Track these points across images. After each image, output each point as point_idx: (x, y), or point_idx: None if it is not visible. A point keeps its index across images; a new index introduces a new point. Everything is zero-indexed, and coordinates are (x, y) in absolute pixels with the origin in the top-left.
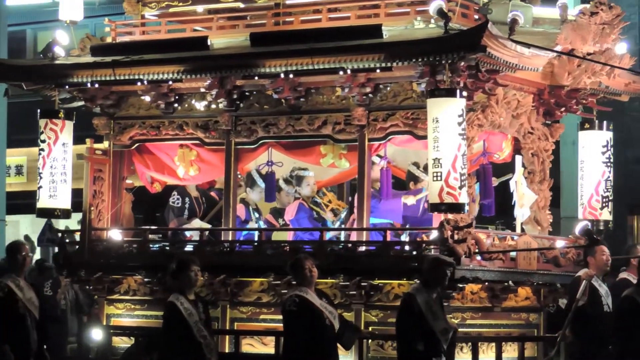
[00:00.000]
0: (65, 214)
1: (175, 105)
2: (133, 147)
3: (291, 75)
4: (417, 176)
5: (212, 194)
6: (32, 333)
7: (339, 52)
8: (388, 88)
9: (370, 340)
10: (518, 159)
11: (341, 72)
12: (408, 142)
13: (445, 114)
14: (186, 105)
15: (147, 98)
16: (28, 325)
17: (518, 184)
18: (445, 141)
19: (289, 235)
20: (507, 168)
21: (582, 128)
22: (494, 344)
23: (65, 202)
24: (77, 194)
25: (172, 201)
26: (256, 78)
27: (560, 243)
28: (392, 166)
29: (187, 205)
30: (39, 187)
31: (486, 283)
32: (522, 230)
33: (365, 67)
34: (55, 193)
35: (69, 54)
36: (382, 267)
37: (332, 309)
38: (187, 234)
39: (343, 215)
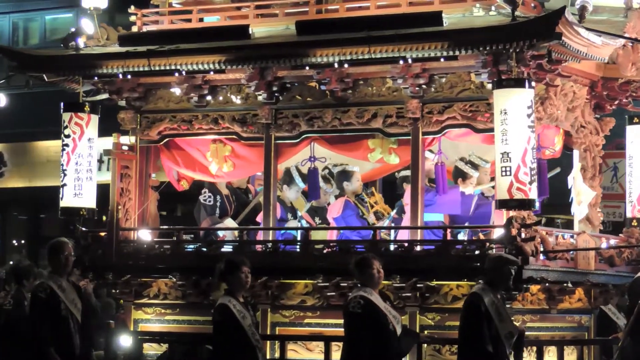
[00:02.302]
0: (91, 214)
1: (208, 98)
2: (161, 143)
3: (346, 65)
4: (466, 172)
5: (238, 191)
6: (75, 337)
7: (399, 40)
8: (444, 79)
9: (426, 345)
10: (575, 153)
11: (401, 62)
12: (464, 135)
13: (514, 105)
14: (220, 98)
15: (178, 91)
16: (71, 328)
17: (576, 180)
18: (514, 134)
19: (330, 235)
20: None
21: (630, 122)
22: (550, 348)
23: (90, 201)
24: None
25: (203, 199)
26: (307, 68)
27: (612, 242)
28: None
29: (218, 204)
30: (63, 185)
31: (546, 284)
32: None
33: (427, 56)
34: (80, 191)
35: (84, 44)
36: (442, 267)
37: (395, 313)
38: (220, 234)
39: (387, 221)
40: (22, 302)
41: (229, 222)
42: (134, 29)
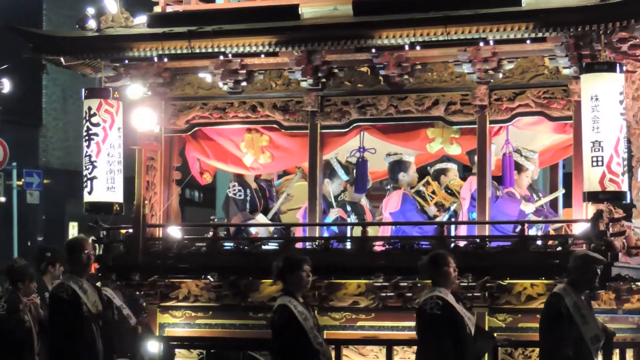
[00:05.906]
0: (122, 209)
1: (244, 84)
2: (189, 132)
3: (418, 47)
4: (522, 164)
5: (262, 184)
6: (98, 342)
7: (480, 21)
8: (513, 64)
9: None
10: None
11: (481, 44)
12: (535, 124)
13: (606, 91)
14: (258, 84)
15: (209, 77)
16: (94, 332)
17: None
18: (607, 122)
19: (381, 230)
20: None
21: None
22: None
23: (120, 196)
24: None
25: (232, 193)
26: (373, 51)
27: None
28: None
29: (248, 198)
30: (93, 178)
31: (620, 283)
32: None
33: (510, 37)
34: (113, 185)
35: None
36: (519, 265)
37: (469, 314)
38: (252, 230)
39: (447, 216)
40: (17, 308)
41: (261, 218)
42: (157, 9)
